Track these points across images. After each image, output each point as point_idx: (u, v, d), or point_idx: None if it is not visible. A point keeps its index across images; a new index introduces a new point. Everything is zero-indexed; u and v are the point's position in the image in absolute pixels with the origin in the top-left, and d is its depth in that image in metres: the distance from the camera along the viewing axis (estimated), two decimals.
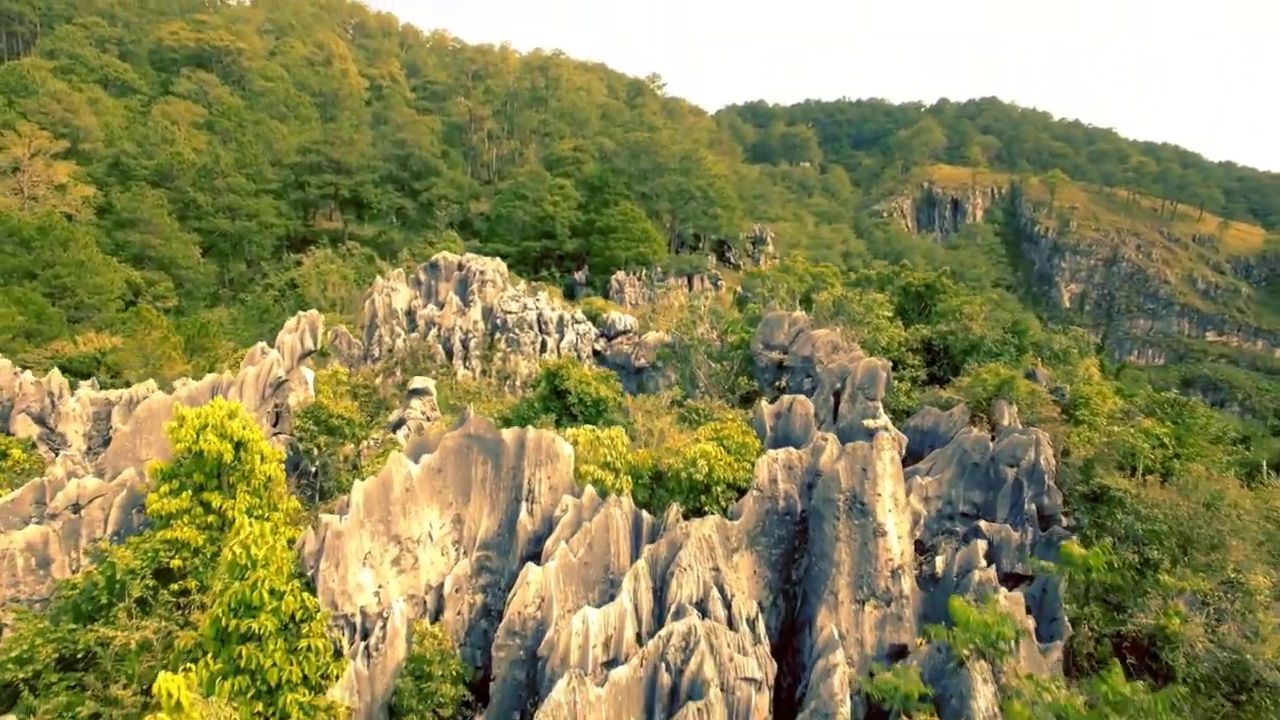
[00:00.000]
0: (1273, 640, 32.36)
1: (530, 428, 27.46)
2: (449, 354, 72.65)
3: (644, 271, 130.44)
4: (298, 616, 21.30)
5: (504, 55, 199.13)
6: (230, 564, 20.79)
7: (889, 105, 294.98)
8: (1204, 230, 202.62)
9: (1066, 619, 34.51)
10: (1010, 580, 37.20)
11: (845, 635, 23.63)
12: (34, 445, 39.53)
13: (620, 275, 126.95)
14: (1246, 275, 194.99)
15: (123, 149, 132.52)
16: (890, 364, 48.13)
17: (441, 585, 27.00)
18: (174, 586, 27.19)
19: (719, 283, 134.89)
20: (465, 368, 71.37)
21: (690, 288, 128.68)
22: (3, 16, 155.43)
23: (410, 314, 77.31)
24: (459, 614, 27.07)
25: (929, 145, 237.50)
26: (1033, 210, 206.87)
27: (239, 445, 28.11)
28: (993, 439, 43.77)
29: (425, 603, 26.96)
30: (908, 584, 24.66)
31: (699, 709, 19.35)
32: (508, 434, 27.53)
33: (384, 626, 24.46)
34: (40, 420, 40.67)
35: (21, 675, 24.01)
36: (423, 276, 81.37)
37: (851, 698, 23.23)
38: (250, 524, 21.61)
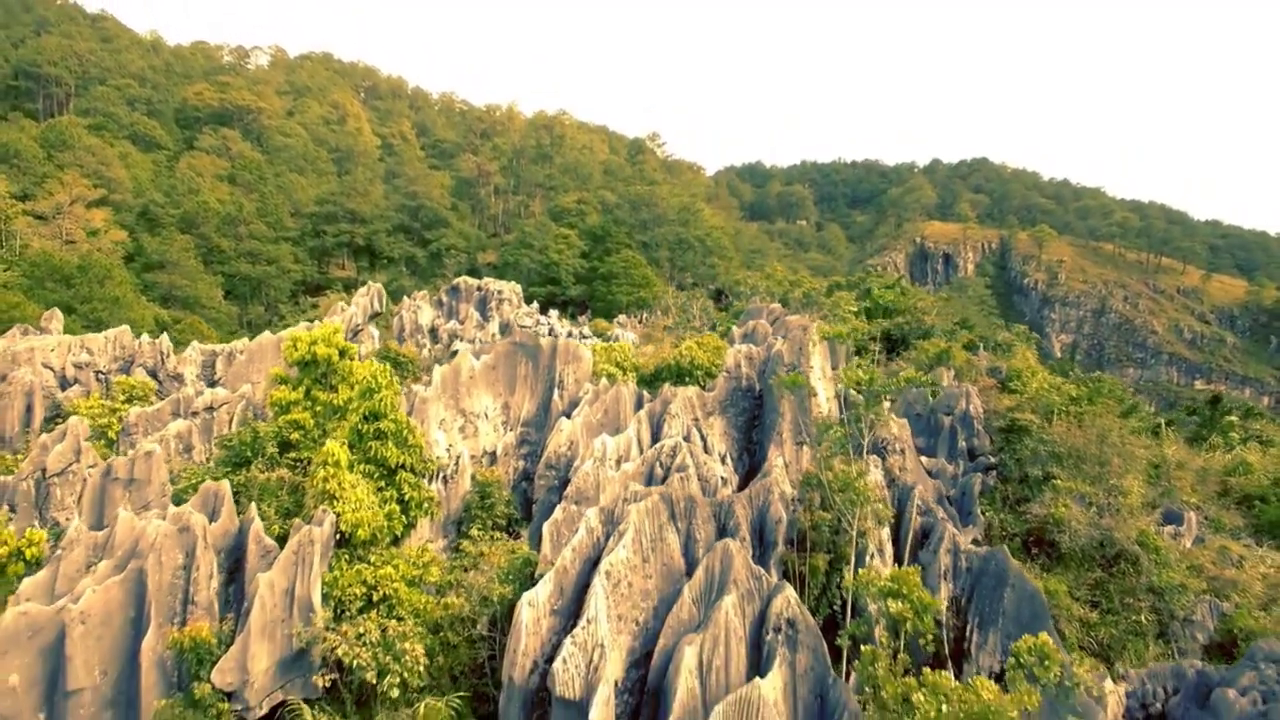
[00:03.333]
0: (1134, 523, 42.95)
1: (558, 338, 38.69)
2: None
3: (644, 315, 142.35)
4: (403, 433, 32.18)
5: (510, 115, 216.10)
6: (363, 388, 31.86)
7: (883, 166, 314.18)
8: (1188, 282, 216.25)
9: (980, 513, 45.15)
10: (946, 500, 47.85)
11: (789, 465, 34.33)
12: None
13: (622, 318, 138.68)
14: (1231, 325, 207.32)
15: (151, 198, 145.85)
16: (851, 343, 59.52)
17: (494, 451, 37.86)
18: (292, 454, 37.94)
19: (715, 327, 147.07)
20: None
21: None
22: (42, 79, 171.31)
23: (434, 330, 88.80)
24: (506, 473, 37.85)
25: (920, 202, 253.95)
26: (1022, 264, 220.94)
27: (342, 352, 39.22)
28: (934, 396, 55.10)
29: (482, 463, 37.76)
30: (834, 433, 35.48)
31: (681, 477, 30.06)
32: (544, 341, 38.85)
33: (456, 464, 35.24)
34: (153, 373, 51.84)
35: None
36: (444, 298, 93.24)
37: (789, 511, 33.82)
38: (374, 363, 32.68)
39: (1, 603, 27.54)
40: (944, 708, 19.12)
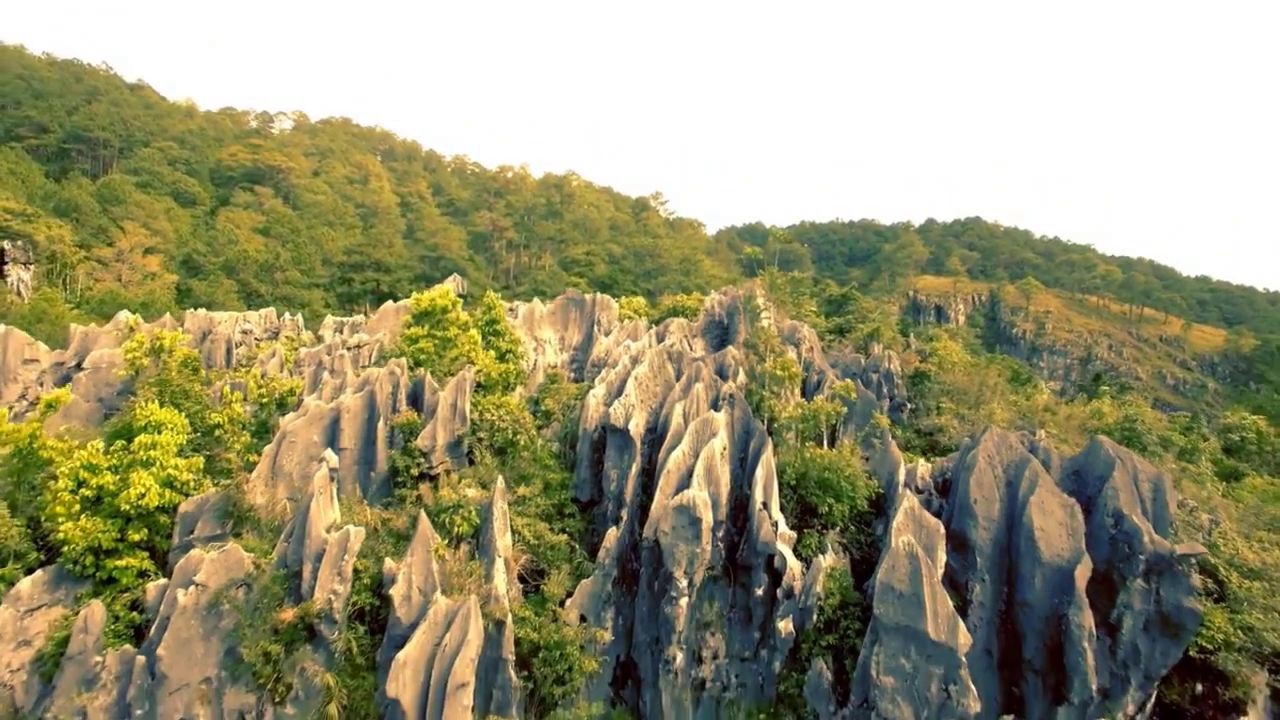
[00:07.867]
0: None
1: (598, 293, 63.46)
2: None
3: None
4: (507, 333, 56.44)
5: (521, 176, 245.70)
6: (485, 305, 56.33)
7: (879, 225, 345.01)
8: (1169, 331, 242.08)
9: (892, 434, 68.78)
10: None
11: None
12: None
13: None
14: (1212, 372, 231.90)
15: (194, 248, 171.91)
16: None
17: (556, 365, 62.08)
18: (418, 370, 62.10)
19: None
20: None
21: None
22: (91, 142, 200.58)
23: None
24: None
25: (913, 258, 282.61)
26: (1010, 315, 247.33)
27: (452, 304, 63.79)
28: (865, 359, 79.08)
29: (547, 371, 61.93)
30: (756, 306, 59.73)
31: (674, 345, 54.13)
32: (587, 296, 63.41)
33: (534, 364, 59.38)
34: (291, 339, 76.32)
35: None
36: None
37: (737, 362, 57.77)
38: (491, 295, 57.21)
39: (278, 418, 51.38)
40: (800, 411, 42.88)
